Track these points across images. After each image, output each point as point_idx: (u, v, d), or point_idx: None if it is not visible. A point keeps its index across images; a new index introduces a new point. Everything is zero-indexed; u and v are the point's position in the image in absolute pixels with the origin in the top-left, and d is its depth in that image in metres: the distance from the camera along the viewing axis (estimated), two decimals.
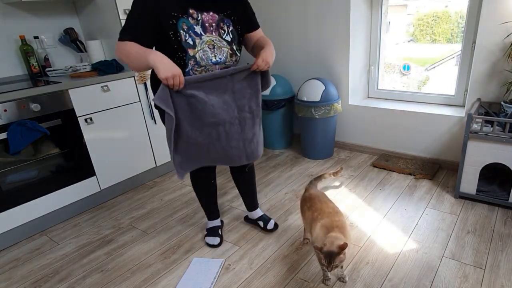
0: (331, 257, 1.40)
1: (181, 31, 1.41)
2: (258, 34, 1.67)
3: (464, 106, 2.57)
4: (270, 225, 2.01)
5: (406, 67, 3.25)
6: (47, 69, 2.44)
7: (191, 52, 1.44)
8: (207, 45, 1.47)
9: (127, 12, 1.50)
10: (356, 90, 2.99)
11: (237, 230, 2.08)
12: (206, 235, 2.01)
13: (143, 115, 2.60)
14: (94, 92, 2.29)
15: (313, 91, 2.75)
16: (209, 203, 1.99)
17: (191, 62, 1.46)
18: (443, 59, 3.12)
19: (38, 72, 2.42)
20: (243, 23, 1.58)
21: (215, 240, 1.96)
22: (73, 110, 2.20)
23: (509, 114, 2.01)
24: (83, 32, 2.68)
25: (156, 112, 2.65)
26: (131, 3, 1.38)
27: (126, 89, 2.46)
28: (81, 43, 2.62)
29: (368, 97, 3.12)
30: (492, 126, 2.01)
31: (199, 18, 1.44)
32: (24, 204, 2.10)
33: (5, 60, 2.36)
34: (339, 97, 2.85)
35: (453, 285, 1.57)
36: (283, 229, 2.07)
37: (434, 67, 3.22)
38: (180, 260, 1.88)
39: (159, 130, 2.72)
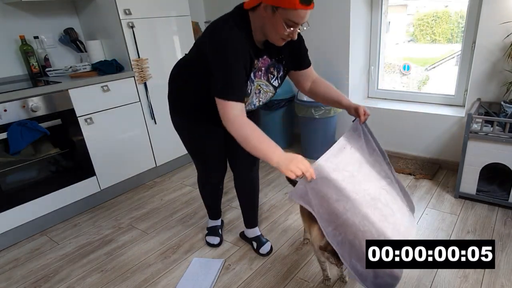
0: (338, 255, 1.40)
1: (249, 81, 1.35)
2: (312, 71, 1.56)
3: (464, 106, 2.57)
4: (264, 250, 1.85)
5: (406, 67, 3.25)
6: (47, 69, 2.44)
7: (245, 99, 1.37)
8: (254, 91, 1.41)
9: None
10: (356, 90, 2.99)
11: (237, 230, 2.07)
12: (206, 234, 2.01)
13: (143, 115, 2.60)
14: (94, 92, 2.29)
15: None
16: (214, 204, 1.99)
17: None
18: (443, 59, 3.13)
19: (38, 72, 2.42)
20: (294, 63, 1.49)
21: (216, 240, 1.96)
22: (73, 110, 2.20)
23: (509, 114, 2.01)
24: (83, 32, 2.68)
25: (156, 112, 2.65)
26: (216, 50, 1.25)
27: (126, 89, 2.46)
28: (81, 43, 2.61)
29: (368, 97, 3.12)
30: (492, 126, 2.01)
31: (256, 66, 1.37)
32: (24, 204, 2.10)
33: (5, 60, 2.35)
34: None
35: (453, 285, 1.57)
36: (283, 229, 2.06)
37: (434, 67, 3.23)
38: (180, 260, 1.88)
39: (159, 130, 2.72)
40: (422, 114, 2.62)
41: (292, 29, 1.22)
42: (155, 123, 2.68)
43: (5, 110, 1.92)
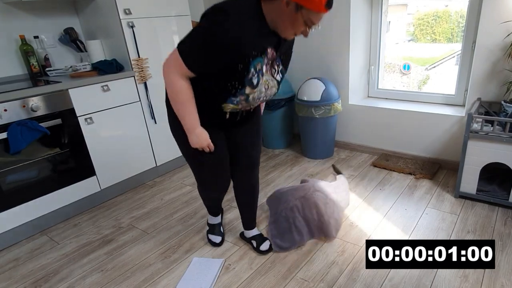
0: None
1: (252, 69, 1.31)
2: None
3: (464, 105, 2.57)
4: (264, 246, 1.85)
5: (406, 67, 3.25)
6: (47, 69, 2.44)
7: (248, 90, 1.35)
8: (263, 86, 1.38)
9: (187, 35, 1.39)
10: (356, 89, 2.99)
11: (237, 230, 2.07)
12: (208, 232, 2.01)
13: (143, 115, 2.60)
14: (94, 92, 2.29)
15: (313, 91, 2.75)
16: (215, 206, 1.98)
17: (242, 97, 1.37)
18: (443, 59, 3.13)
19: (38, 72, 2.42)
20: (283, 62, 1.47)
21: (217, 239, 1.97)
22: (73, 109, 2.20)
23: (509, 113, 2.01)
24: (83, 32, 2.68)
25: (156, 112, 2.65)
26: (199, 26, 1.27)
27: (126, 88, 2.46)
28: (81, 42, 2.61)
29: (368, 96, 3.12)
30: (492, 126, 2.01)
31: (269, 56, 1.35)
32: (24, 204, 2.10)
33: (5, 60, 2.35)
34: (339, 96, 2.84)
35: (453, 285, 1.57)
36: None
37: (434, 67, 3.23)
38: (180, 260, 1.88)
39: (159, 130, 2.72)
40: (422, 113, 2.61)
41: (308, 27, 1.28)
42: (155, 122, 2.68)
43: (5, 110, 1.92)
